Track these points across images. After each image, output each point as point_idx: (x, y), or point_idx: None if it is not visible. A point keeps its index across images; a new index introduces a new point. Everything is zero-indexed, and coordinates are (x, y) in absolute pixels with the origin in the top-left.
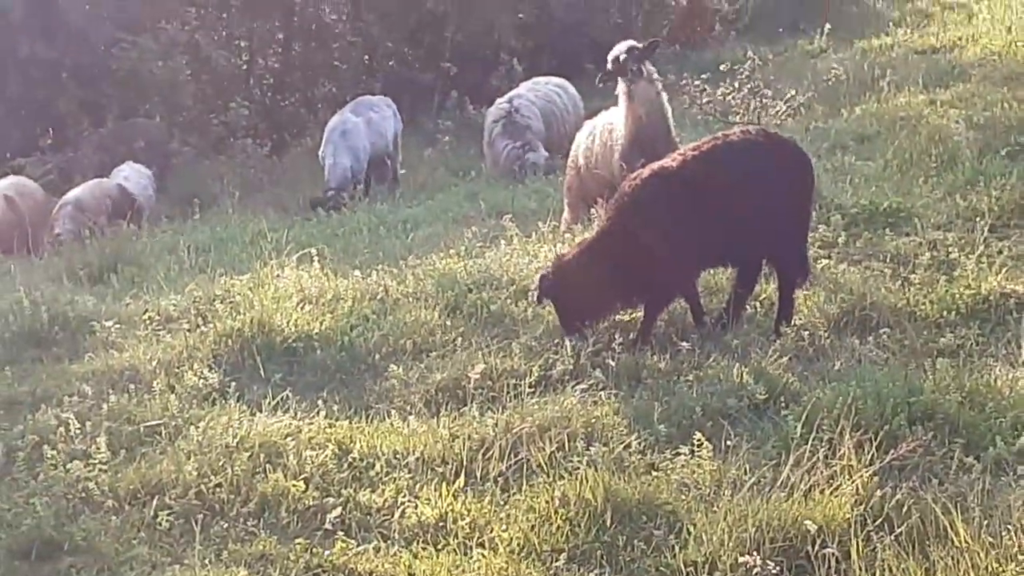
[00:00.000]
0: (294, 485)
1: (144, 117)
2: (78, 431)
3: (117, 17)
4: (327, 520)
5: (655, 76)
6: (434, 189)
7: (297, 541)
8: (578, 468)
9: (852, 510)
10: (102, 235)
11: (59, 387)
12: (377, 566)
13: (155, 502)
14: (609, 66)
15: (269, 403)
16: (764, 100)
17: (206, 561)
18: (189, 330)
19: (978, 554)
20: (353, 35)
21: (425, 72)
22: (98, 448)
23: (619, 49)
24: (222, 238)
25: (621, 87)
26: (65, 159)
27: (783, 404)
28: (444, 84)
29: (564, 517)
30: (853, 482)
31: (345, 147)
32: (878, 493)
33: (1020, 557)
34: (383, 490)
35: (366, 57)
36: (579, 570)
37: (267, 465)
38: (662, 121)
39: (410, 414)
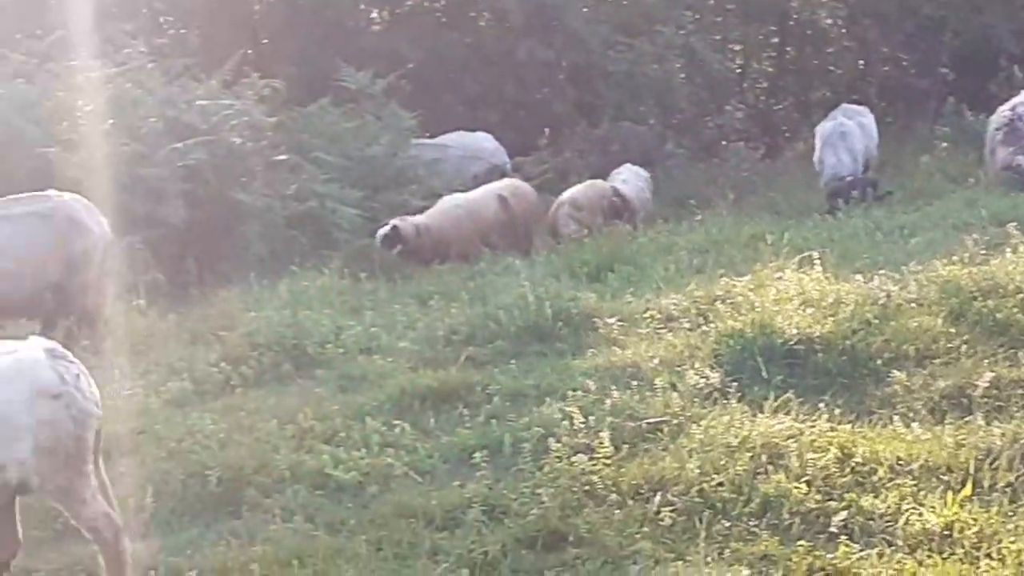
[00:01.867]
0: (796, 487)
1: (637, 119)
2: (582, 425)
3: (614, 19)
4: (832, 524)
5: None
6: (930, 195)
7: (799, 543)
8: None
9: None
10: (598, 234)
11: (563, 381)
12: (880, 572)
13: (657, 498)
14: None
15: (770, 404)
16: None
17: (708, 559)
18: (690, 329)
19: None
20: (848, 40)
21: (921, 78)
22: (601, 442)
23: None
24: (717, 240)
25: None
26: (561, 159)
27: None
28: (940, 90)
29: None
30: None
31: (845, 149)
32: None
33: None
34: (886, 496)
35: (860, 62)
36: None
37: (768, 466)
38: None
39: (913, 421)
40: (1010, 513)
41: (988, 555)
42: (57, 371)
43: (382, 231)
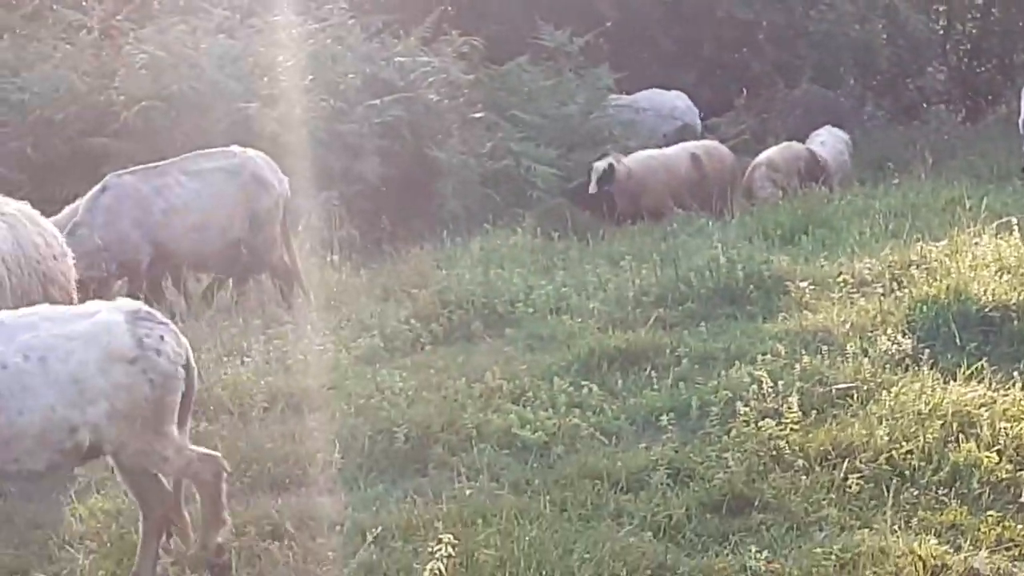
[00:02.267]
0: (987, 456)
1: (837, 80)
2: (770, 389)
3: None
4: (1021, 494)
5: None
6: None
7: (989, 513)
8: None
9: None
10: (794, 196)
11: (752, 345)
12: None
13: (845, 465)
14: None
15: (963, 372)
16: None
17: (895, 527)
18: (883, 294)
19: None
20: None
21: None
22: (790, 407)
23: None
24: (914, 204)
25: None
26: (758, 120)
27: None
28: None
29: None
30: None
31: None
32: None
33: None
34: None
35: None
36: None
37: (959, 434)
38: None
39: None
40: None
41: None
42: (135, 335)
43: (600, 164)
